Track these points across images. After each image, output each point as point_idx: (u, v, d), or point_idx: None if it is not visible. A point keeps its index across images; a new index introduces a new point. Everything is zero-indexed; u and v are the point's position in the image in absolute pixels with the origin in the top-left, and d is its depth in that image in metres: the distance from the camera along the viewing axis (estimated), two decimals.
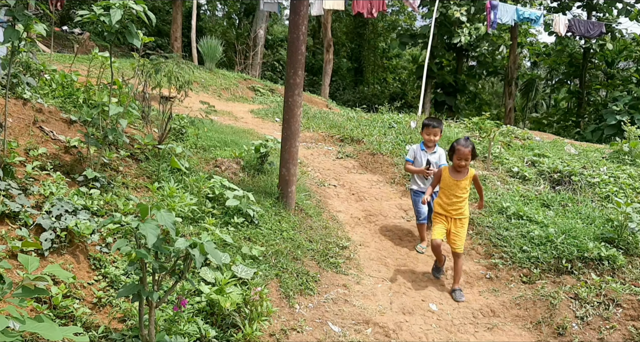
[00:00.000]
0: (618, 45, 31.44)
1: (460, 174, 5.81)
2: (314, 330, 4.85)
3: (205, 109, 7.70)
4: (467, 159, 5.70)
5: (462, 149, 5.68)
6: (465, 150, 5.67)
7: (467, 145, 5.69)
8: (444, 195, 5.92)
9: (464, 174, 5.81)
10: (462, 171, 5.80)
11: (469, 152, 5.68)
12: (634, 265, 6.07)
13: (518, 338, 5.30)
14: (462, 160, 5.70)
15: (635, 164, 10.76)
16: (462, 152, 5.68)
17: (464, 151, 5.67)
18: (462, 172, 5.81)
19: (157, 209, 3.26)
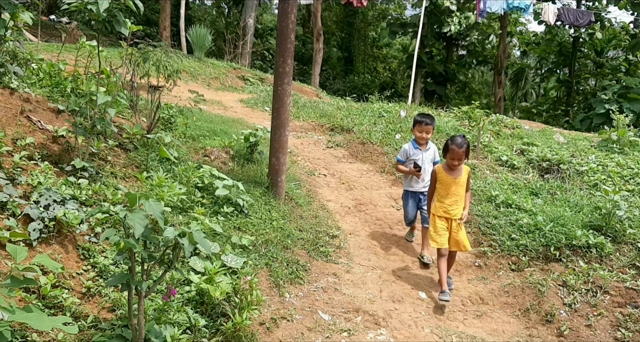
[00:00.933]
0: (607, 35, 31.50)
1: (456, 171, 5.67)
2: (304, 318, 4.87)
3: (194, 98, 7.65)
4: (460, 159, 5.54)
5: (456, 149, 5.50)
6: (459, 151, 5.49)
7: (461, 145, 5.49)
8: (443, 195, 5.70)
9: (459, 171, 5.67)
10: (457, 169, 5.66)
11: (463, 152, 5.51)
12: (621, 252, 6.13)
13: (506, 325, 5.35)
14: (455, 160, 5.55)
15: (623, 153, 10.83)
16: (457, 153, 5.51)
17: (458, 152, 5.50)
18: (456, 170, 5.66)
19: (146, 199, 3.24)
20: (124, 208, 3.25)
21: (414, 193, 6.49)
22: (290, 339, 4.53)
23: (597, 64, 34.70)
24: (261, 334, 4.46)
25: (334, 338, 4.72)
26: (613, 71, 32.46)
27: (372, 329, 4.96)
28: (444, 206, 5.67)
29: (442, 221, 5.68)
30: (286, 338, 4.53)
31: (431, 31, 31.32)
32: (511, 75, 39.07)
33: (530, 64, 41.90)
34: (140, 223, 3.11)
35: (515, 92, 42.28)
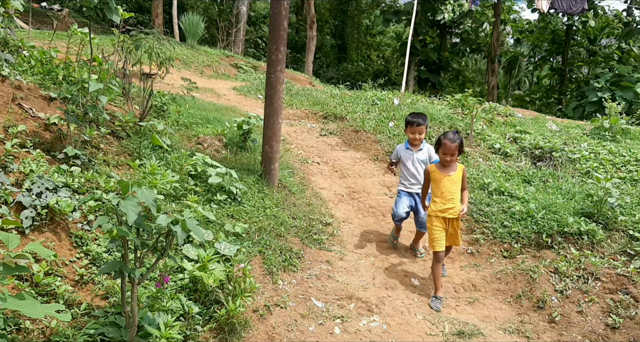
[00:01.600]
0: (600, 23, 31.50)
1: (449, 168, 5.43)
2: (298, 306, 4.89)
3: (187, 85, 7.63)
4: (453, 154, 5.32)
5: (448, 143, 5.28)
6: (451, 145, 5.27)
7: (454, 140, 5.28)
8: (437, 194, 5.45)
9: (453, 168, 5.44)
10: (450, 166, 5.43)
11: (456, 147, 5.29)
12: (612, 239, 6.17)
13: (498, 312, 5.38)
14: (447, 155, 5.33)
15: (615, 140, 10.87)
16: (448, 147, 5.29)
17: (451, 146, 5.28)
18: (450, 167, 5.43)
19: (139, 186, 3.24)
20: (117, 196, 3.24)
21: (409, 193, 6.19)
22: (284, 326, 4.55)
23: (590, 52, 34.72)
24: (254, 321, 4.48)
25: (327, 325, 4.74)
26: (606, 59, 32.49)
27: (365, 315, 4.98)
28: (438, 205, 5.43)
29: (439, 221, 5.44)
30: (279, 325, 4.55)
31: (425, 19, 31.25)
32: (504, 63, 39.04)
33: (524, 52, 41.89)
34: (133, 210, 3.11)
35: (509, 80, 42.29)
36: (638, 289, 5.27)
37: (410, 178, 6.15)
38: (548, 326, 5.15)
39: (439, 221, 5.44)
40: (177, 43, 17.24)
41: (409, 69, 25.59)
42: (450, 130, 5.51)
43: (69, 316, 3.10)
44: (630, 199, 6.98)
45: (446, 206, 5.40)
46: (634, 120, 13.09)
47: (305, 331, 4.59)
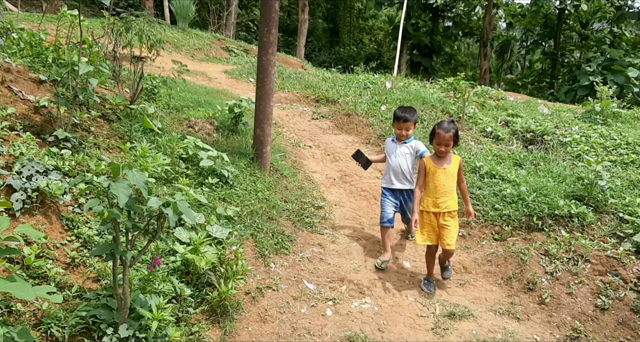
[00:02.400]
0: (592, 6, 31.46)
1: (444, 160, 5.19)
2: (290, 288, 4.91)
3: (178, 68, 7.57)
4: (447, 145, 5.08)
5: (442, 133, 5.05)
6: (445, 135, 5.04)
7: (448, 130, 5.04)
8: (432, 187, 5.19)
9: (448, 160, 5.20)
10: (445, 157, 5.19)
11: (450, 137, 5.05)
12: (603, 222, 6.20)
13: (489, 293, 5.42)
14: (441, 146, 5.09)
15: (606, 124, 10.91)
16: (442, 137, 5.06)
17: (445, 136, 5.04)
18: (445, 159, 5.19)
19: (129, 169, 3.22)
20: (108, 178, 3.22)
21: (392, 191, 5.83)
22: (276, 308, 4.57)
23: (582, 36, 34.72)
24: (247, 303, 4.49)
25: (319, 307, 4.76)
26: (598, 43, 32.50)
27: (356, 297, 5.01)
28: (431, 199, 5.18)
29: (430, 217, 5.21)
30: (272, 307, 4.56)
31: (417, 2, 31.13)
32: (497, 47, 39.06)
33: (516, 36, 41.86)
34: (124, 193, 3.10)
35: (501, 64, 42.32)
36: (627, 271, 5.32)
37: (390, 172, 5.82)
38: (538, 307, 5.19)
39: (429, 218, 5.21)
40: (168, 26, 17.10)
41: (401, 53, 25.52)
42: (444, 120, 5.27)
43: (60, 297, 3.10)
44: (620, 182, 7.02)
45: (440, 200, 5.15)
46: (625, 104, 13.13)
47: (297, 313, 4.61)
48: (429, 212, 5.19)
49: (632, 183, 7.16)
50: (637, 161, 8.38)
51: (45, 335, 3.37)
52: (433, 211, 5.16)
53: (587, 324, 4.91)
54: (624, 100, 13.52)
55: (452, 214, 5.18)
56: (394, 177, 5.79)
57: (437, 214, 5.16)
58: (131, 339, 3.50)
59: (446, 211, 5.13)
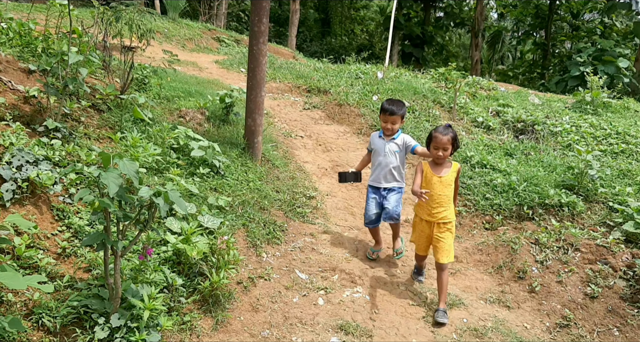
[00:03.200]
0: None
1: (442, 167, 4.87)
2: (282, 277, 4.91)
3: (169, 58, 7.53)
4: (445, 149, 4.76)
5: (439, 136, 4.76)
6: (443, 138, 4.74)
7: (445, 133, 4.75)
8: (428, 196, 4.76)
9: (446, 167, 4.88)
10: (443, 164, 4.88)
11: (448, 140, 4.74)
12: (592, 211, 6.24)
13: (480, 282, 5.45)
14: (439, 150, 4.77)
15: (596, 114, 10.96)
16: (440, 140, 4.75)
17: (442, 139, 4.74)
18: (443, 165, 4.87)
19: (120, 158, 3.21)
20: (98, 168, 3.21)
21: (376, 190, 5.48)
22: (268, 298, 4.58)
23: (573, 26, 34.79)
24: (239, 292, 4.50)
25: (311, 296, 4.78)
26: (588, 34, 32.58)
27: (348, 287, 5.02)
28: (426, 207, 4.87)
29: (423, 224, 4.93)
30: (263, 297, 4.57)
31: None
32: (488, 37, 39.08)
33: (507, 26, 41.88)
34: (114, 182, 3.08)
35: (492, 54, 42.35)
36: (617, 260, 5.36)
37: (377, 171, 5.45)
38: (528, 295, 5.23)
39: (422, 225, 4.94)
40: (158, 16, 16.99)
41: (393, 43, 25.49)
42: (442, 125, 5.00)
43: (51, 287, 3.09)
44: (610, 172, 7.07)
45: (435, 210, 4.83)
46: (615, 94, 13.19)
47: (289, 302, 4.62)
48: (422, 219, 4.93)
49: (621, 172, 7.21)
50: (627, 151, 8.43)
51: (37, 325, 3.36)
52: (427, 219, 4.86)
53: (577, 312, 4.95)
54: (614, 90, 13.58)
55: (448, 227, 4.83)
56: (382, 176, 5.42)
57: (432, 224, 4.85)
58: (123, 328, 3.50)
59: (442, 221, 4.82)
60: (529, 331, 4.75)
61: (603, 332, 4.76)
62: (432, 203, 4.80)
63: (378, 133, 5.50)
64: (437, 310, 4.76)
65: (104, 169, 3.16)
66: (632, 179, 7.03)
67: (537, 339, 4.64)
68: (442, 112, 9.93)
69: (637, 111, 11.93)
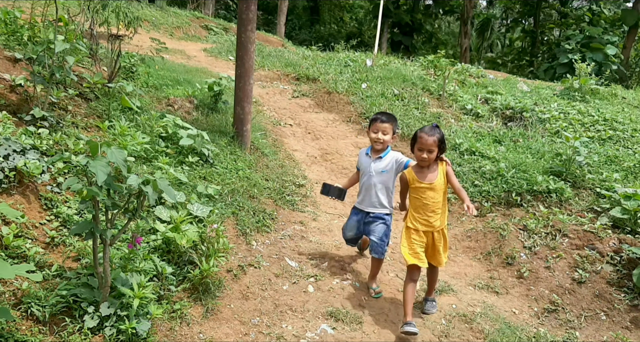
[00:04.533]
0: None
1: (428, 172, 4.35)
2: (271, 265, 4.92)
3: (156, 46, 7.48)
4: (430, 152, 4.24)
5: (424, 136, 4.23)
6: (428, 139, 4.21)
7: (432, 134, 4.23)
8: (419, 205, 4.38)
9: (433, 171, 4.35)
10: (430, 168, 4.35)
11: (434, 142, 4.22)
12: (580, 197, 6.30)
13: (469, 268, 5.49)
14: (423, 152, 4.24)
15: (584, 101, 11.00)
16: (425, 141, 4.23)
17: (427, 140, 4.22)
18: (429, 170, 4.35)
19: (108, 146, 3.19)
20: (86, 156, 3.19)
21: (359, 212, 4.94)
22: (258, 285, 4.59)
23: (561, 14, 34.82)
24: (229, 280, 4.50)
25: (301, 284, 4.79)
26: (577, 21, 32.63)
27: (338, 274, 5.04)
28: (421, 217, 4.38)
29: (419, 234, 4.40)
30: (254, 284, 4.58)
31: None
32: (477, 25, 39.03)
33: (496, 14, 41.84)
34: (102, 170, 3.07)
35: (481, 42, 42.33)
36: (604, 245, 5.41)
37: (362, 192, 4.87)
38: (517, 281, 5.27)
39: (418, 235, 4.41)
40: (146, 4, 16.84)
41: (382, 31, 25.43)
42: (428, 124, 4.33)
43: (40, 276, 3.08)
44: (598, 158, 7.12)
45: (432, 218, 4.38)
46: (603, 81, 13.25)
47: (279, 290, 4.64)
48: (417, 230, 4.40)
49: (609, 159, 7.26)
50: (614, 137, 8.49)
51: (26, 314, 3.35)
52: (424, 230, 4.38)
53: (565, 297, 5.00)
54: (602, 77, 13.64)
55: (444, 232, 4.49)
56: (367, 200, 4.83)
57: (431, 233, 4.41)
58: (112, 317, 3.50)
59: (440, 228, 4.42)
60: (517, 316, 4.79)
61: (590, 316, 4.81)
62: (427, 211, 4.33)
63: (365, 150, 4.93)
64: (426, 300, 4.71)
65: (92, 158, 3.14)
66: (619, 165, 7.09)
67: (526, 324, 4.69)
68: (432, 100, 9.93)
69: (624, 98, 12.00)
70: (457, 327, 4.50)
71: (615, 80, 19.32)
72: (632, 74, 28.60)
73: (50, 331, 3.34)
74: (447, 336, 4.39)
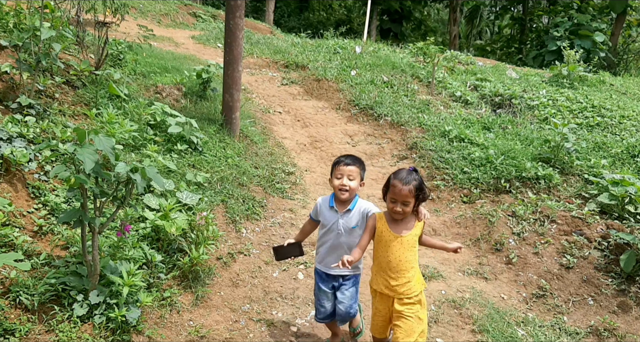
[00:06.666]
0: None
1: (403, 224, 3.37)
2: (261, 253, 4.93)
3: (144, 33, 7.41)
4: (405, 204, 3.25)
5: (398, 185, 3.22)
6: (403, 188, 3.21)
7: (407, 181, 3.22)
8: (382, 259, 3.38)
9: (407, 224, 3.37)
10: (405, 220, 3.37)
11: (410, 192, 3.21)
12: (568, 183, 6.32)
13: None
14: (397, 204, 3.26)
15: (573, 87, 11.04)
16: (399, 191, 3.23)
17: (402, 190, 3.21)
18: (404, 221, 3.38)
19: (95, 134, 3.16)
20: (74, 144, 3.16)
21: (328, 278, 3.76)
22: (248, 273, 4.59)
23: (550, 1, 34.79)
24: (219, 268, 4.50)
25: (291, 271, 4.80)
26: (565, 8, 32.61)
27: None
28: (384, 278, 3.40)
29: (382, 297, 3.46)
30: (243, 272, 4.58)
31: None
32: (466, 12, 38.96)
33: (485, 1, 41.77)
34: (90, 158, 3.04)
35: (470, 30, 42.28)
36: (592, 231, 5.44)
37: (326, 251, 3.70)
38: (505, 267, 5.30)
39: (381, 301, 3.48)
40: None
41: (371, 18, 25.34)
42: (404, 168, 3.37)
43: (28, 265, 3.06)
44: (586, 144, 7.16)
45: (395, 281, 3.36)
46: (592, 68, 13.29)
47: (269, 277, 4.64)
48: (377, 293, 3.49)
49: (597, 145, 7.30)
50: (602, 124, 8.53)
51: (14, 303, 3.34)
52: (385, 292, 3.41)
53: (553, 282, 5.04)
54: (591, 64, 13.69)
55: (413, 300, 3.38)
56: (332, 260, 3.63)
57: (391, 299, 3.42)
58: (102, 305, 3.49)
59: (404, 296, 3.36)
60: (506, 302, 4.82)
61: (578, 301, 4.85)
62: (391, 271, 3.34)
63: (328, 200, 3.71)
64: None
65: (80, 145, 3.11)
66: (607, 151, 7.13)
67: (514, 309, 4.72)
68: (421, 87, 9.92)
69: (612, 85, 12.05)
70: (447, 313, 4.53)
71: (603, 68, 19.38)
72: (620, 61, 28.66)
73: (39, 320, 3.33)
74: (436, 321, 4.41)
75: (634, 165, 6.75)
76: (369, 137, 8.00)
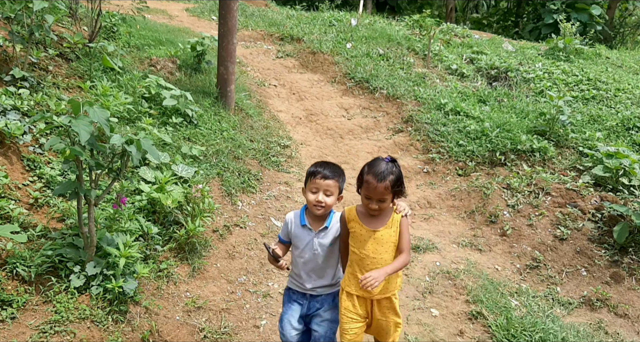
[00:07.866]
0: None
1: (377, 219, 2.94)
2: (257, 225, 4.95)
3: (137, 5, 7.32)
4: (381, 200, 2.83)
5: (372, 181, 2.79)
6: (378, 185, 2.78)
7: (382, 177, 2.79)
8: (356, 257, 2.97)
9: (384, 217, 2.94)
10: (381, 216, 2.94)
11: (386, 188, 2.79)
12: (563, 156, 6.35)
13: (452, 227, 5.55)
14: (372, 201, 2.84)
15: (569, 60, 11.00)
16: (373, 189, 2.80)
17: (376, 187, 2.79)
18: (380, 217, 2.95)
19: (90, 106, 3.14)
20: (68, 116, 3.14)
21: (298, 294, 3.22)
22: (244, 245, 4.62)
23: None
24: (215, 240, 4.53)
25: None
26: None
27: None
28: (353, 277, 2.98)
29: (352, 301, 3.03)
30: (239, 244, 4.61)
31: None
32: None
33: None
34: (85, 130, 3.03)
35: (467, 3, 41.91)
36: (585, 203, 5.48)
37: (301, 270, 3.15)
38: (500, 239, 5.35)
39: (351, 302, 3.03)
40: None
41: None
42: (381, 157, 2.93)
43: (24, 237, 3.07)
44: (581, 117, 7.16)
45: None
46: (588, 41, 13.23)
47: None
48: (351, 295, 3.03)
49: (592, 118, 7.31)
50: (597, 97, 8.53)
51: (11, 274, 3.35)
52: (359, 294, 3.01)
53: (547, 254, 5.08)
54: (587, 37, 13.62)
55: (392, 301, 3.05)
56: (305, 276, 3.15)
57: (366, 301, 3.04)
58: (99, 276, 3.51)
59: (381, 295, 3.01)
60: (500, 273, 4.87)
61: (571, 272, 4.90)
62: (364, 268, 2.93)
63: (299, 217, 3.17)
64: None
65: (75, 117, 3.09)
66: (602, 124, 7.14)
67: (508, 280, 4.77)
68: (417, 60, 9.87)
69: (608, 58, 12.01)
70: (441, 284, 4.58)
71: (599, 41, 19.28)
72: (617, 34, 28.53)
73: (36, 291, 3.35)
74: (430, 292, 4.46)
75: (628, 138, 6.77)
76: (365, 110, 7.98)
